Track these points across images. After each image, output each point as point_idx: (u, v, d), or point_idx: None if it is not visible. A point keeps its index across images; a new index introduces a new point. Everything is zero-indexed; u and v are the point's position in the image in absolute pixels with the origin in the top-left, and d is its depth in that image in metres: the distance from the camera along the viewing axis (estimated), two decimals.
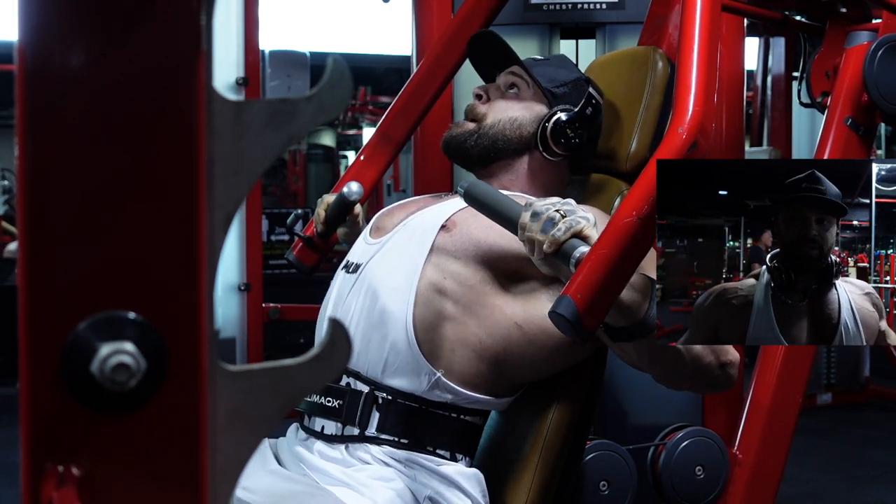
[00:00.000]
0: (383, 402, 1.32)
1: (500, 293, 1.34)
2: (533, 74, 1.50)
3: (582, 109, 1.49)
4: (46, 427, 0.42)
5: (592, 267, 1.06)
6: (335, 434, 1.34)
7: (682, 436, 1.89)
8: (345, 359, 0.47)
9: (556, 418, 1.40)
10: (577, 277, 1.07)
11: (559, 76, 1.52)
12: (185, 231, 0.43)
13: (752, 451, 1.88)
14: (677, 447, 1.88)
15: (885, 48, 1.85)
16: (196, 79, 0.43)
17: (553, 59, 1.57)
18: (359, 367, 1.35)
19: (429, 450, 1.33)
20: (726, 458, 1.87)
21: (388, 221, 1.50)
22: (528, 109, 1.49)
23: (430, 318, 1.32)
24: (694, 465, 1.87)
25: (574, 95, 1.51)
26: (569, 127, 1.47)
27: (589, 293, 1.04)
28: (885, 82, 1.85)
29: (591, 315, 1.05)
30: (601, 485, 1.90)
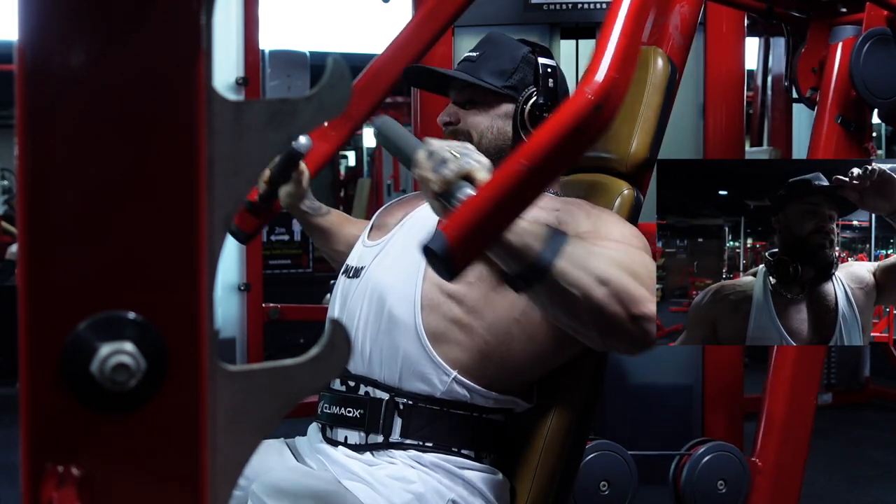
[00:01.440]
0: (405, 408, 1.32)
1: (500, 291, 1.34)
2: (482, 82, 1.44)
3: (543, 84, 1.45)
4: (46, 427, 0.42)
5: (471, 206, 1.03)
6: (359, 444, 1.34)
7: (703, 450, 1.90)
8: (345, 359, 0.47)
9: (557, 419, 1.40)
10: (454, 215, 1.05)
11: (504, 65, 1.46)
12: (185, 231, 0.43)
13: (772, 458, 1.89)
14: (699, 462, 1.89)
15: (872, 42, 1.84)
16: (196, 79, 0.43)
17: (487, 47, 1.49)
18: (375, 374, 1.35)
19: (453, 450, 1.33)
20: (747, 473, 1.88)
21: (387, 221, 1.50)
22: (496, 114, 1.46)
23: (438, 321, 1.33)
24: (716, 479, 1.88)
25: (528, 74, 1.46)
26: (541, 109, 1.44)
27: (462, 231, 1.00)
28: (871, 76, 1.83)
29: (462, 253, 1.01)
30: (601, 485, 1.90)
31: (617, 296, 1.15)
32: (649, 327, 1.16)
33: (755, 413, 1.96)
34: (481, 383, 1.34)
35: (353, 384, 1.36)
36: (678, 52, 1.73)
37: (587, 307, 1.15)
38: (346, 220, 1.82)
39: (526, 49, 1.48)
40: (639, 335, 1.17)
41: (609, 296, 1.15)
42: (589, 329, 1.20)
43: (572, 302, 1.15)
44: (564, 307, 1.17)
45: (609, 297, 1.15)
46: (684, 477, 1.90)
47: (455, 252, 1.01)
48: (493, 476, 1.35)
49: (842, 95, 1.89)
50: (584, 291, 1.14)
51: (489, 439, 1.37)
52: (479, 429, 1.35)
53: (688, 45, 1.76)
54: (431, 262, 1.03)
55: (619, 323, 1.16)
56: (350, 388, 1.36)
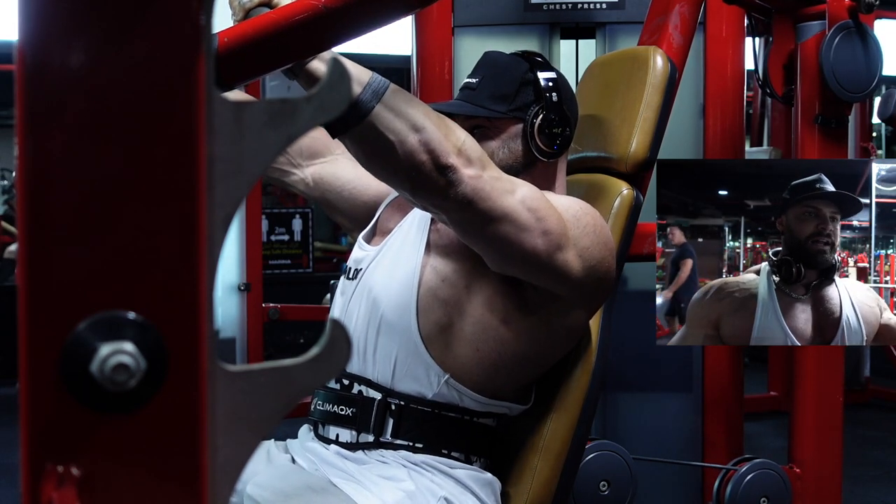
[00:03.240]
0: (396, 409, 1.33)
1: (484, 296, 1.34)
2: (486, 110, 1.43)
3: (548, 100, 1.44)
4: (46, 427, 0.42)
5: (252, 22, 1.03)
6: (350, 442, 1.35)
7: (747, 468, 1.92)
8: (345, 359, 0.47)
9: (556, 419, 1.40)
10: (235, 26, 1.05)
11: (505, 88, 1.44)
12: (185, 231, 0.43)
13: (809, 463, 1.90)
14: (742, 480, 1.92)
15: (840, 37, 1.83)
16: (196, 79, 0.43)
17: (485, 70, 1.47)
18: (368, 374, 1.36)
19: (444, 453, 1.34)
20: (789, 490, 1.89)
21: (385, 224, 1.50)
22: (506, 137, 1.44)
23: (432, 325, 1.34)
24: (759, 497, 1.90)
25: (531, 93, 1.44)
26: (549, 125, 1.43)
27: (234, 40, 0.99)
28: (843, 72, 1.82)
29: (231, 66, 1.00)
30: (601, 485, 1.90)
31: (427, 144, 1.15)
32: (457, 178, 1.18)
33: (755, 413, 1.97)
34: (473, 387, 1.34)
35: (348, 382, 1.36)
36: (678, 52, 1.73)
37: (401, 153, 1.15)
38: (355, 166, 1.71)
39: (525, 66, 1.46)
40: (447, 188, 1.18)
41: (421, 142, 1.15)
42: (397, 175, 1.20)
43: (388, 149, 1.15)
44: (380, 156, 1.18)
45: (420, 146, 1.15)
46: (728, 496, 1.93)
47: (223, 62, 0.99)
48: (481, 475, 1.35)
49: (817, 95, 1.87)
50: (399, 137, 1.14)
51: (480, 443, 1.37)
52: (470, 432, 1.36)
53: (688, 45, 1.76)
54: None
55: (426, 172, 1.16)
56: (344, 386, 1.37)
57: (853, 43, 1.81)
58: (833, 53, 1.80)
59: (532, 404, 1.43)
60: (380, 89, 1.14)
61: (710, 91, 2.53)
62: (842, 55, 1.80)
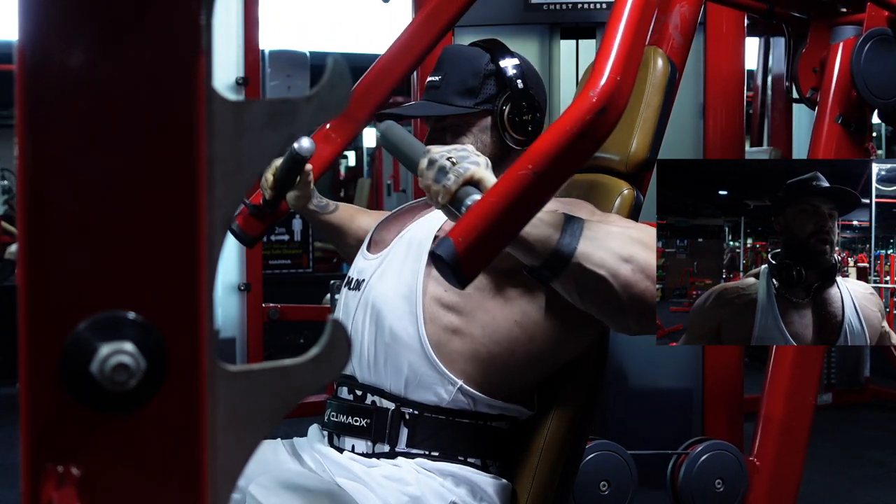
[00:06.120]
0: (410, 418, 1.32)
1: (497, 296, 1.34)
2: (452, 107, 1.42)
3: (513, 87, 1.43)
4: (46, 427, 0.42)
5: (477, 212, 1.03)
6: (366, 452, 1.34)
7: (701, 449, 1.91)
8: (345, 359, 0.47)
9: (556, 419, 1.40)
10: (461, 221, 1.05)
11: (469, 82, 1.43)
12: (185, 231, 0.43)
13: (770, 458, 1.88)
14: (697, 461, 1.90)
15: (873, 42, 1.84)
16: (196, 79, 0.43)
17: (446, 67, 1.46)
18: (381, 384, 1.35)
19: (460, 459, 1.33)
20: (745, 471, 1.88)
21: (385, 235, 1.49)
22: (477, 130, 1.45)
23: (440, 333, 1.33)
24: (713, 478, 1.89)
25: (496, 82, 1.44)
26: (518, 113, 1.43)
27: (470, 237, 1.00)
28: (872, 76, 1.83)
29: (471, 260, 1.01)
30: (601, 485, 1.90)
31: (643, 271, 1.14)
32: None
33: (756, 413, 1.96)
34: (486, 391, 1.34)
35: (361, 393, 1.36)
36: (678, 52, 1.73)
37: (618, 287, 1.14)
38: (356, 213, 1.81)
39: (486, 58, 1.45)
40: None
41: (634, 272, 1.14)
42: (623, 309, 1.17)
43: (602, 284, 1.14)
44: (594, 291, 1.16)
45: (635, 273, 1.14)
46: (682, 476, 1.91)
47: (463, 258, 1.01)
48: (498, 482, 1.35)
49: (842, 96, 1.89)
50: (611, 271, 1.14)
51: (495, 447, 1.37)
52: (484, 437, 1.35)
53: (688, 45, 1.76)
54: (440, 269, 1.03)
55: (651, 298, 1.14)
56: (357, 396, 1.36)
57: (888, 50, 1.83)
58: (864, 57, 1.81)
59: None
60: (577, 229, 1.14)
61: (710, 91, 2.54)
62: (874, 60, 1.82)
